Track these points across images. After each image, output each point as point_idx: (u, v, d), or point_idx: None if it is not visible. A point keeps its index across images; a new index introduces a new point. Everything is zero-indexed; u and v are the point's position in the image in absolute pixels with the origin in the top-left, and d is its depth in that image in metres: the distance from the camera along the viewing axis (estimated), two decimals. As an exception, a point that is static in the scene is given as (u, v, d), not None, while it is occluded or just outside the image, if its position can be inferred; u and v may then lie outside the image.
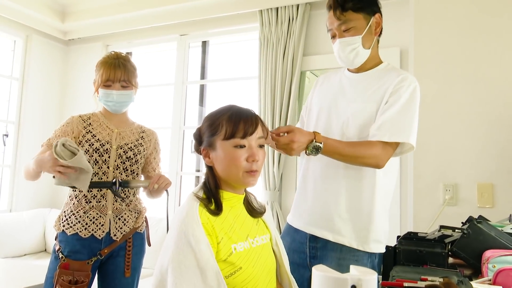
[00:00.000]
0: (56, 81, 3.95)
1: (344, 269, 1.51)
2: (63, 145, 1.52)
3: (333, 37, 1.50)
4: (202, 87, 3.55)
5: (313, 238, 1.49)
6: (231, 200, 1.18)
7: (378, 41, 1.53)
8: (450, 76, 2.17)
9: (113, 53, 1.84)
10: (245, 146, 1.12)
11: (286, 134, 1.33)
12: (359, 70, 1.53)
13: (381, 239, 1.44)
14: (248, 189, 1.31)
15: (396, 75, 1.46)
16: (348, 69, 1.58)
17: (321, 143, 1.32)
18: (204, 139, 1.19)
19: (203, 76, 3.54)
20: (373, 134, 1.40)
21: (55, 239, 1.76)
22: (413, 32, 2.29)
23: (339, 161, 1.40)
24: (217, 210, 1.12)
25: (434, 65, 2.21)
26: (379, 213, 1.45)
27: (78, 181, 1.59)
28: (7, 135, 3.64)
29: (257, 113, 1.20)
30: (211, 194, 1.15)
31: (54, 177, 1.58)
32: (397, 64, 2.61)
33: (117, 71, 1.76)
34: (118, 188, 1.68)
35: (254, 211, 1.24)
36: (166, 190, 1.77)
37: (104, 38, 3.81)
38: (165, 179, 1.73)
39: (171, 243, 1.04)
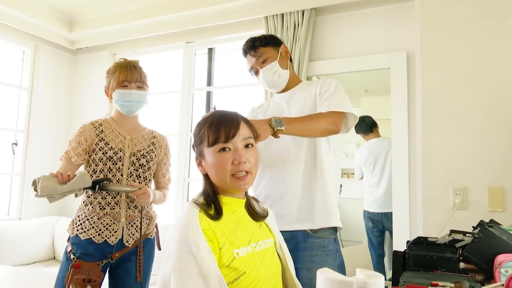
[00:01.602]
0: (64, 90, 3.99)
1: (317, 264, 1.62)
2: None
3: (256, 73, 1.78)
4: (208, 94, 3.56)
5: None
6: (231, 205, 1.17)
7: (292, 66, 1.84)
8: (458, 79, 2.15)
9: (123, 59, 1.89)
10: (230, 149, 1.13)
11: None
12: (286, 89, 1.80)
13: (337, 216, 1.66)
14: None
15: (317, 81, 1.75)
16: (275, 94, 1.85)
17: (276, 118, 1.41)
18: (195, 149, 1.21)
19: (209, 83, 3.55)
20: (325, 108, 1.60)
21: (68, 241, 1.80)
22: (419, 35, 2.27)
23: (301, 135, 1.54)
24: (217, 215, 1.11)
25: (441, 69, 2.19)
26: (330, 192, 1.65)
27: (58, 187, 1.60)
28: (16, 144, 3.67)
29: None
30: (210, 200, 1.14)
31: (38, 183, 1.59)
32: (403, 68, 2.60)
33: (134, 72, 1.83)
34: (97, 190, 1.71)
35: (256, 215, 1.23)
36: (142, 207, 1.84)
37: (111, 47, 3.84)
38: (147, 196, 1.76)
39: (172, 251, 1.03)
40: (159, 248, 1.94)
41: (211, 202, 1.14)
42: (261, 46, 1.75)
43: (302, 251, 1.59)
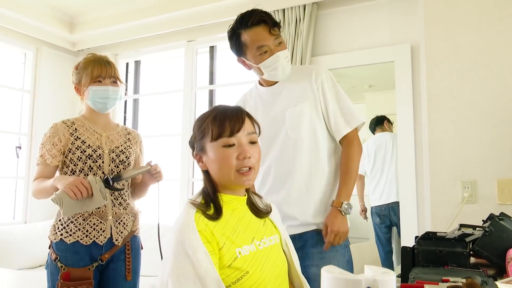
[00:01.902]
0: (66, 92, 3.97)
1: (326, 261, 1.58)
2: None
3: (265, 52, 1.59)
4: (211, 92, 3.54)
5: (292, 240, 1.56)
6: (232, 202, 1.14)
7: None
8: (464, 71, 2.11)
9: (91, 54, 1.85)
10: (234, 145, 1.09)
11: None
12: (275, 82, 1.69)
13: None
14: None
15: (308, 72, 1.65)
16: (260, 84, 1.75)
17: (342, 203, 1.53)
18: (195, 144, 1.17)
19: (211, 81, 3.53)
20: (337, 132, 1.62)
21: (49, 248, 1.73)
22: (423, 27, 2.23)
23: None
24: (216, 214, 1.08)
25: (447, 60, 2.15)
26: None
27: (78, 206, 1.60)
28: (20, 147, 3.67)
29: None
30: (210, 199, 1.11)
31: (55, 195, 1.58)
32: (408, 61, 2.56)
33: (108, 67, 1.79)
34: (113, 184, 1.69)
35: (259, 211, 1.20)
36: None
37: (113, 47, 3.83)
38: (160, 171, 1.80)
39: (169, 255, 1.01)
40: (141, 247, 1.92)
41: (210, 201, 1.11)
42: (277, 28, 1.61)
43: (311, 248, 1.57)
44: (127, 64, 3.93)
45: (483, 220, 1.41)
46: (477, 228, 1.31)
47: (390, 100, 2.75)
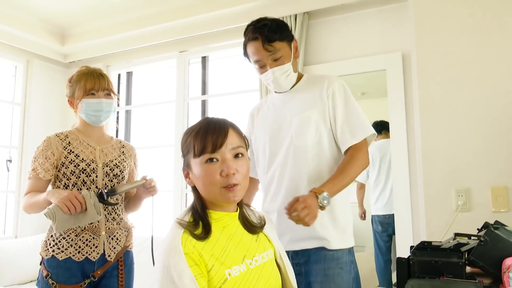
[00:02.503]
0: (58, 105, 3.94)
1: (330, 278, 1.50)
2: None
3: (262, 67, 1.59)
4: (203, 103, 3.53)
5: (295, 255, 1.53)
6: (222, 219, 1.09)
7: (297, 62, 1.73)
8: (456, 78, 2.11)
9: (85, 67, 1.83)
10: (218, 160, 1.05)
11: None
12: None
13: (351, 232, 1.61)
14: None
15: (321, 80, 1.62)
16: (274, 93, 1.72)
17: (323, 192, 1.38)
18: (183, 159, 1.13)
19: (204, 92, 3.52)
20: (342, 143, 1.55)
21: (41, 264, 1.70)
22: (414, 35, 2.24)
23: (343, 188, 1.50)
24: (205, 234, 1.03)
25: (438, 68, 2.15)
26: (346, 208, 1.60)
27: (71, 221, 1.57)
28: (10, 161, 3.62)
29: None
30: (198, 216, 1.07)
31: (48, 210, 1.54)
32: (399, 69, 2.57)
33: (101, 80, 1.77)
34: (107, 199, 1.66)
35: (252, 227, 1.15)
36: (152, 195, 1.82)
37: (104, 59, 3.81)
38: (155, 185, 1.78)
39: (156, 277, 0.98)
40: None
41: (199, 219, 1.06)
42: (278, 40, 1.55)
43: (314, 264, 1.51)
44: (119, 75, 3.92)
45: (478, 229, 1.40)
46: (472, 237, 1.30)
47: (383, 108, 2.75)
